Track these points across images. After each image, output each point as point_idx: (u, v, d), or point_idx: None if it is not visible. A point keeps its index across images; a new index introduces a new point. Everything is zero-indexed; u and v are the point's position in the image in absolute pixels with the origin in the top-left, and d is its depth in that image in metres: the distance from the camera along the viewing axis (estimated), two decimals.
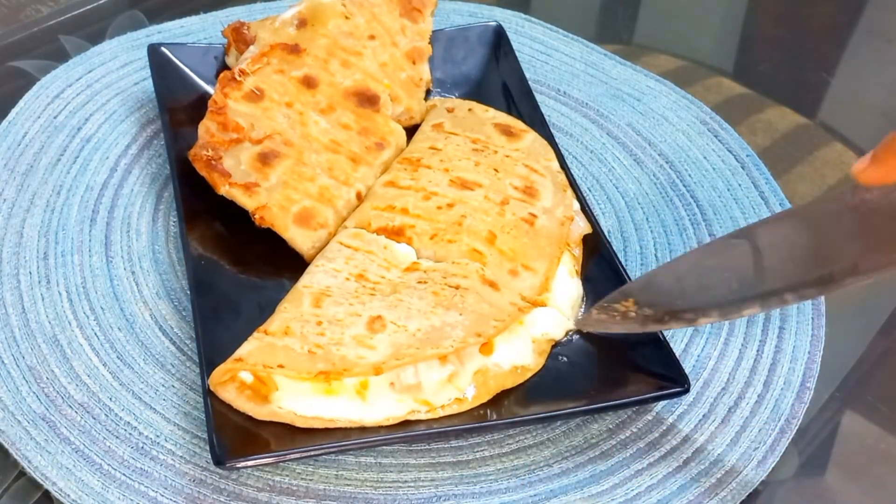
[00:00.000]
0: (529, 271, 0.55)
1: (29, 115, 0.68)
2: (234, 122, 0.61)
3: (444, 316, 0.50)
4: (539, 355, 0.53)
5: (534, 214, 0.57)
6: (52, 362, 0.54)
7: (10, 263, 0.58)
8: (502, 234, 0.56)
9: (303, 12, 0.68)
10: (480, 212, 0.57)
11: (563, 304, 0.55)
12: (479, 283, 0.53)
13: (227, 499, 0.49)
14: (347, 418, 0.49)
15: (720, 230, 0.65)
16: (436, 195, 0.57)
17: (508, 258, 0.55)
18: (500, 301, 0.52)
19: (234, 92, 0.62)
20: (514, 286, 0.54)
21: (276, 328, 0.49)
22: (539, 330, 0.53)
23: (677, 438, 0.53)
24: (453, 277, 0.53)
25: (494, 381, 0.51)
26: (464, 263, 0.54)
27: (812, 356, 0.58)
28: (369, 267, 0.53)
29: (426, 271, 0.53)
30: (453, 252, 0.54)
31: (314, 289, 0.52)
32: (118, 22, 0.78)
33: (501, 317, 0.51)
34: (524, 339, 0.52)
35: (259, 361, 0.48)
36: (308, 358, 0.48)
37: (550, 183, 0.60)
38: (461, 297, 0.51)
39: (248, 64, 0.64)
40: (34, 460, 0.49)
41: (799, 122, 0.78)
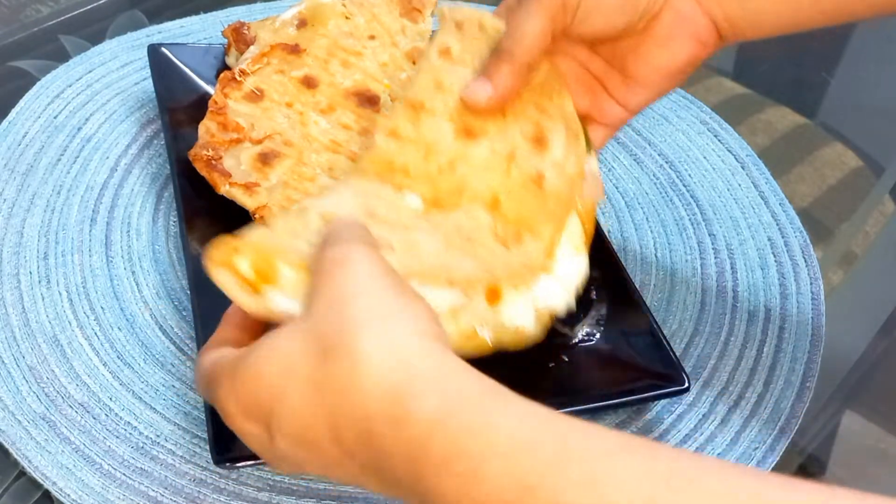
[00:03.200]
0: (534, 237, 0.51)
1: (29, 115, 0.68)
2: (234, 122, 0.61)
3: (455, 258, 0.48)
4: (540, 325, 0.50)
5: (542, 174, 0.53)
6: (52, 362, 0.54)
7: (10, 263, 0.59)
8: (507, 198, 0.52)
9: (303, 12, 0.68)
10: (484, 171, 0.53)
11: (565, 279, 0.52)
12: (492, 240, 0.50)
13: (227, 499, 0.49)
14: None
15: (720, 230, 0.65)
16: (437, 152, 0.53)
17: (513, 224, 0.52)
18: (511, 259, 0.49)
19: (235, 92, 0.62)
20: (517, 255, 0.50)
21: (284, 227, 0.45)
22: (543, 301, 0.50)
23: (677, 438, 0.53)
24: (465, 230, 0.50)
25: (494, 334, 0.49)
26: (476, 217, 0.50)
27: (812, 356, 0.58)
28: (378, 208, 0.49)
29: (437, 220, 0.50)
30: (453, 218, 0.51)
31: (321, 209, 0.47)
32: (118, 22, 0.78)
33: (511, 272, 0.49)
34: (528, 304, 0.49)
35: (261, 247, 0.43)
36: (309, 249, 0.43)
37: (563, 128, 0.55)
38: (472, 248, 0.49)
39: (249, 64, 0.64)
40: (34, 460, 0.49)
41: (799, 122, 0.78)
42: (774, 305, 0.61)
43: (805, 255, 0.64)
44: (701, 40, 0.48)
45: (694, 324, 0.59)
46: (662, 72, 0.50)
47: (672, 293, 0.61)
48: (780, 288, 0.62)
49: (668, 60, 0.49)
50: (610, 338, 0.55)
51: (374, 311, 0.35)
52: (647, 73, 0.50)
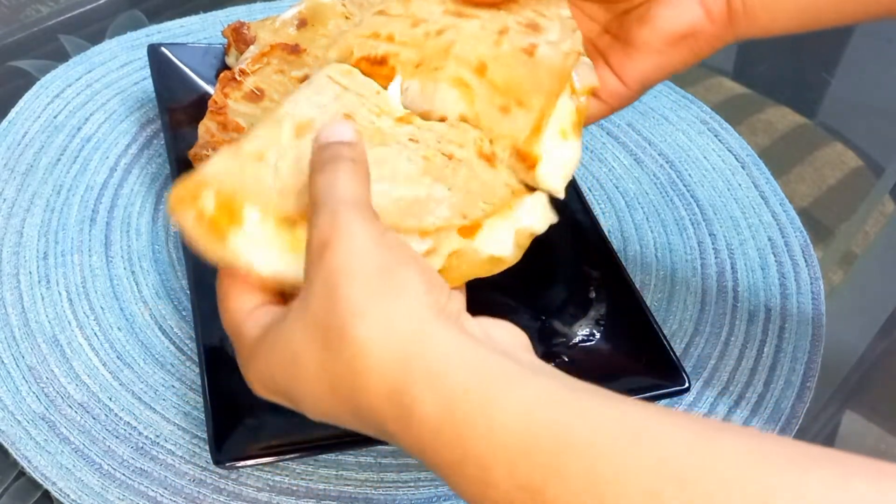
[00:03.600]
0: (523, 109, 0.47)
1: (29, 114, 0.68)
2: (234, 122, 0.61)
3: (430, 188, 0.44)
4: (518, 248, 0.47)
5: (534, 45, 0.50)
6: (52, 362, 0.54)
7: (10, 263, 0.58)
8: (495, 63, 0.49)
9: (303, 12, 0.68)
10: (473, 39, 0.50)
11: (554, 167, 0.48)
12: (475, 157, 0.46)
13: (227, 499, 0.49)
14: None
15: (720, 230, 0.65)
16: (425, 22, 0.51)
17: (500, 92, 0.48)
18: (494, 180, 0.46)
19: (235, 92, 0.62)
20: (504, 128, 0.47)
21: (252, 149, 0.43)
22: (525, 221, 0.47)
23: None
24: (448, 144, 0.46)
25: (468, 266, 0.45)
26: (463, 129, 0.47)
27: (812, 356, 0.58)
28: (358, 110, 0.46)
29: (420, 128, 0.47)
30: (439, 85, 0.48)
31: (297, 118, 0.45)
32: (118, 22, 0.78)
33: (492, 199, 0.45)
34: (508, 228, 0.46)
35: (224, 186, 0.41)
36: (279, 195, 0.41)
37: (559, 25, 0.52)
38: (452, 169, 0.45)
39: (249, 64, 0.64)
40: (34, 460, 0.49)
41: (799, 122, 0.78)
42: (775, 305, 0.61)
43: (805, 255, 0.64)
44: (708, 7, 0.47)
45: (694, 324, 0.59)
46: (663, 34, 0.47)
47: (672, 293, 0.61)
48: (780, 288, 0.62)
49: (671, 21, 0.47)
50: (610, 338, 0.55)
51: (367, 295, 0.34)
52: (649, 35, 0.48)
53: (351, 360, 0.33)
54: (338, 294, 0.34)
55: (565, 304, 0.57)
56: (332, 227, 0.35)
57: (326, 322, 0.34)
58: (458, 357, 0.33)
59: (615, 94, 0.49)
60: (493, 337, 0.37)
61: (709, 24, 0.47)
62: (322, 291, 0.34)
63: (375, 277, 0.34)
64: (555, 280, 0.59)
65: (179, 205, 0.41)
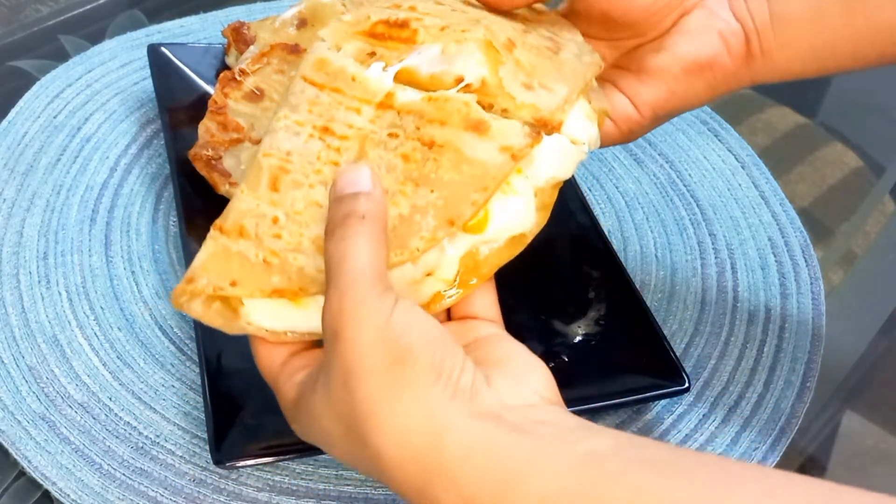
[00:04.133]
0: (546, 90, 0.45)
1: (29, 114, 0.68)
2: (234, 122, 0.61)
3: (413, 196, 0.42)
4: (542, 210, 0.44)
5: (559, 46, 0.48)
6: (52, 362, 0.54)
7: (9, 263, 0.58)
8: (522, 48, 0.46)
9: (303, 12, 0.68)
10: (500, 23, 0.48)
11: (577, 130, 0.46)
12: (461, 130, 0.43)
13: (227, 499, 0.49)
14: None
15: (720, 230, 0.65)
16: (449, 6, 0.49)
17: (525, 72, 0.45)
18: (487, 152, 0.42)
19: (234, 92, 0.62)
20: (527, 98, 0.45)
21: (230, 226, 0.42)
22: (544, 173, 0.44)
23: (677, 438, 0.53)
24: (429, 126, 0.43)
25: (489, 259, 0.43)
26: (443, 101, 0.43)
27: (812, 356, 0.58)
28: (336, 113, 0.44)
29: (401, 112, 0.44)
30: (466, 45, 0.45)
31: (274, 159, 0.44)
32: (118, 22, 0.78)
33: (485, 181, 0.42)
34: (525, 192, 0.44)
35: (211, 280, 0.41)
36: (263, 269, 0.42)
37: (575, 44, 0.50)
38: (434, 161, 0.42)
39: (248, 64, 0.64)
40: (34, 460, 0.49)
41: (799, 122, 0.78)
42: (774, 305, 0.61)
43: (805, 255, 0.64)
44: (727, 41, 0.47)
45: (694, 324, 0.59)
46: (681, 61, 0.47)
47: (672, 293, 0.61)
48: (780, 288, 0.62)
49: (690, 49, 0.47)
50: (610, 338, 0.55)
51: (380, 397, 0.35)
52: (665, 62, 0.47)
53: (374, 459, 0.35)
54: (353, 395, 0.35)
55: (565, 303, 0.57)
56: (341, 314, 0.36)
57: (347, 419, 0.36)
58: (474, 453, 0.34)
59: (627, 119, 0.49)
60: (508, 405, 0.36)
61: (728, 58, 0.47)
62: (340, 384, 0.36)
63: (384, 376, 0.35)
64: (555, 280, 0.59)
65: (180, 300, 0.42)
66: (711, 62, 0.47)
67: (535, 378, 0.38)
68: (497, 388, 0.36)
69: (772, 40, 0.47)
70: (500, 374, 0.38)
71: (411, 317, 0.36)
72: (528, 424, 0.35)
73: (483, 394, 0.36)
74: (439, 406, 0.35)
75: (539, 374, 0.39)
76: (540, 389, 0.38)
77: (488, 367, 0.38)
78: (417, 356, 0.35)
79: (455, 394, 0.35)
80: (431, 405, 0.35)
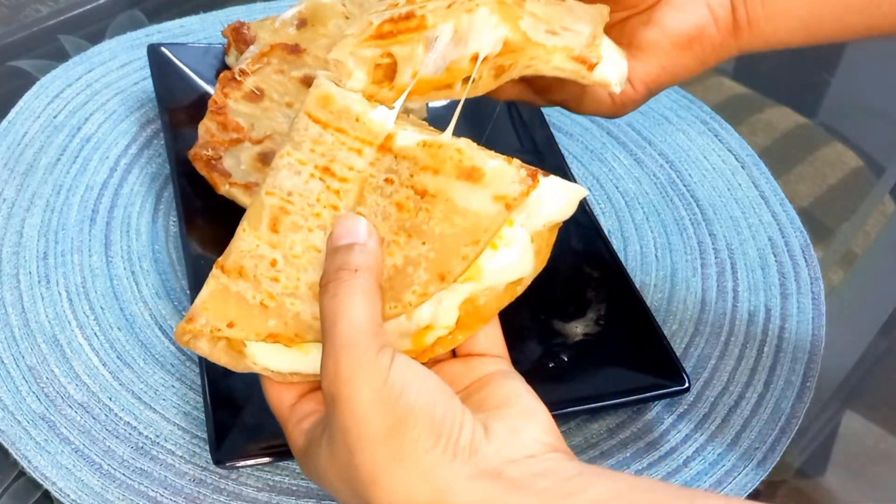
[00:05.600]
0: (570, 32, 0.44)
1: (29, 114, 0.68)
2: (234, 121, 0.61)
3: (406, 247, 0.41)
4: (540, 254, 0.43)
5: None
6: (52, 362, 0.54)
7: (9, 263, 0.58)
8: (532, 3, 0.45)
9: (303, 12, 0.68)
10: None
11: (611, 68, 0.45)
12: (454, 179, 0.42)
13: (227, 499, 0.49)
14: None
15: (720, 230, 0.65)
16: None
17: (543, 20, 0.45)
18: (480, 202, 0.41)
19: (234, 92, 0.62)
20: (558, 42, 0.44)
21: (231, 265, 0.43)
22: (542, 217, 0.43)
23: (677, 438, 0.53)
24: (422, 173, 0.42)
25: (488, 304, 0.43)
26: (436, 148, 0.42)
27: (812, 356, 0.58)
28: (338, 154, 0.44)
29: (398, 156, 0.43)
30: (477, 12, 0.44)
31: (275, 199, 0.44)
32: (118, 22, 0.78)
33: (477, 234, 0.41)
34: (519, 242, 0.43)
35: (210, 320, 0.42)
36: (260, 312, 0.42)
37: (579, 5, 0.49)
38: (426, 212, 0.41)
39: (248, 64, 0.64)
40: (34, 460, 0.49)
41: (799, 122, 0.78)
42: (774, 305, 0.61)
43: (805, 255, 0.64)
44: (714, 12, 0.47)
45: (694, 324, 0.59)
46: (670, 34, 0.47)
47: (672, 293, 0.61)
48: (780, 288, 0.62)
49: (678, 22, 0.47)
50: (610, 338, 0.55)
51: (380, 464, 0.35)
52: (656, 36, 0.48)
53: None
54: (354, 458, 0.35)
55: (565, 303, 0.57)
56: (337, 378, 0.36)
57: (350, 481, 0.36)
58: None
59: (621, 94, 0.49)
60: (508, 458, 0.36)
61: (714, 29, 0.47)
62: (341, 446, 0.36)
63: (385, 440, 0.35)
64: (554, 280, 0.59)
65: (184, 339, 0.42)
66: (700, 34, 0.47)
67: (535, 424, 0.38)
68: (497, 441, 0.36)
69: (759, 10, 0.47)
70: (500, 422, 0.37)
71: (409, 374, 0.36)
72: (528, 479, 0.35)
73: (483, 450, 0.36)
74: (440, 469, 0.35)
75: (539, 419, 0.38)
76: (540, 436, 0.37)
77: (489, 411, 0.38)
78: (417, 417, 0.35)
79: (455, 454, 0.35)
80: (433, 468, 0.35)
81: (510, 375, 0.42)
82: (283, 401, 0.42)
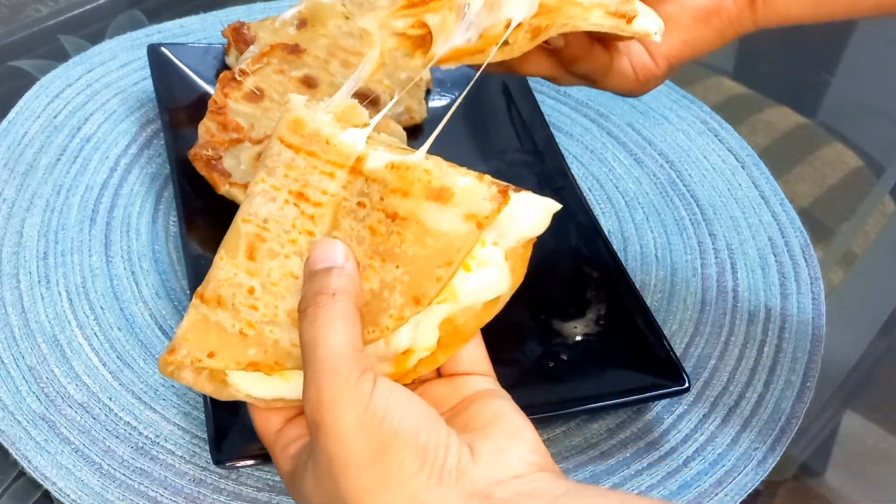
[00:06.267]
0: None
1: (29, 114, 0.68)
2: (234, 121, 0.61)
3: (381, 271, 0.41)
4: (516, 271, 0.43)
5: None
6: (52, 362, 0.54)
7: (9, 263, 0.58)
8: None
9: (303, 12, 0.68)
10: None
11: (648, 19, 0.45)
12: (423, 200, 0.41)
13: (227, 499, 0.49)
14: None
15: (720, 230, 0.65)
16: None
17: None
18: (450, 222, 0.41)
19: (234, 92, 0.62)
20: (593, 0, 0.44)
21: (210, 294, 0.43)
22: (515, 234, 0.43)
23: (677, 438, 0.53)
24: (392, 196, 0.41)
25: (466, 328, 0.43)
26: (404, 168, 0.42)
27: (812, 356, 0.58)
28: (310, 178, 0.43)
29: (368, 179, 0.42)
30: None
31: (251, 226, 0.43)
32: (118, 22, 0.78)
33: (449, 255, 0.40)
34: (493, 260, 0.43)
35: (190, 351, 0.42)
36: (240, 341, 0.42)
37: None
38: (398, 235, 0.41)
39: (248, 64, 0.64)
40: (34, 460, 0.49)
41: (799, 122, 0.78)
42: (774, 305, 0.61)
43: (805, 255, 0.64)
44: None
45: (694, 324, 0.59)
46: (689, 8, 0.48)
47: (672, 293, 0.61)
48: (780, 288, 0.62)
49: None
50: (610, 338, 0.55)
51: (365, 489, 0.35)
52: (675, 11, 0.48)
53: None
54: (338, 485, 0.35)
55: (565, 303, 0.57)
56: (320, 405, 0.35)
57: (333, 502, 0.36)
58: None
59: (644, 68, 0.49)
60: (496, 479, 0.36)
61: (731, 2, 0.48)
62: (326, 473, 0.36)
63: (369, 466, 0.35)
64: (554, 279, 0.59)
65: (168, 370, 0.42)
66: (717, 7, 0.48)
67: (522, 443, 0.38)
68: (483, 462, 0.36)
69: None
70: (486, 442, 0.37)
71: (391, 398, 0.36)
72: (516, 499, 0.35)
73: (469, 472, 0.35)
74: (426, 493, 0.35)
75: (525, 438, 0.38)
76: (527, 455, 0.37)
77: (475, 432, 0.38)
78: (401, 442, 0.35)
79: (441, 479, 0.35)
80: (418, 493, 0.35)
81: (496, 394, 0.41)
82: (269, 427, 0.41)
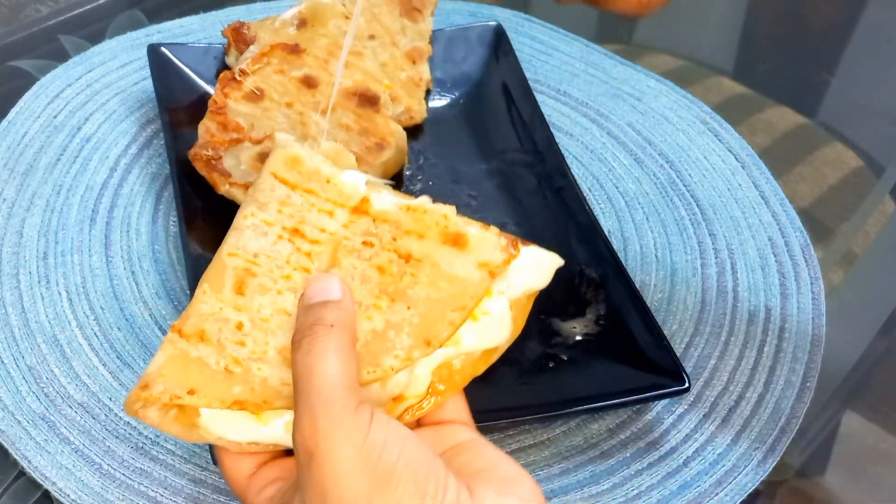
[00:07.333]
0: None
1: (29, 114, 0.68)
2: (234, 121, 0.61)
3: (388, 312, 0.41)
4: (516, 321, 0.44)
5: None
6: (52, 362, 0.54)
7: (9, 263, 0.58)
8: None
9: (303, 12, 0.68)
10: None
11: None
12: (439, 244, 0.42)
13: (227, 499, 0.49)
14: (288, 444, 0.41)
15: (720, 230, 0.65)
16: None
17: None
18: (465, 268, 0.41)
19: (234, 92, 0.62)
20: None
21: (191, 329, 0.41)
22: (520, 286, 0.43)
23: (677, 438, 0.53)
24: (406, 238, 0.42)
25: (461, 375, 0.43)
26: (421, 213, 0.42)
27: (812, 356, 0.58)
28: (308, 215, 0.43)
29: (376, 219, 0.43)
30: None
31: (239, 260, 0.42)
32: (118, 22, 0.78)
33: (462, 300, 0.41)
34: (497, 310, 0.43)
35: (168, 387, 0.39)
36: (224, 378, 0.40)
37: None
38: (412, 276, 0.41)
39: (248, 64, 0.64)
40: (34, 460, 0.49)
41: (799, 122, 0.78)
42: (774, 305, 0.61)
43: (805, 255, 0.64)
44: None
45: (694, 324, 0.59)
46: None
47: (672, 293, 0.61)
48: (780, 288, 0.62)
49: None
50: (610, 338, 0.55)
51: None
52: None
53: None
54: None
55: (565, 303, 0.57)
56: (315, 433, 0.34)
57: None
58: None
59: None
60: None
61: None
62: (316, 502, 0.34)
63: (367, 500, 0.34)
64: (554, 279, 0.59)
65: (134, 407, 0.40)
66: None
67: (522, 488, 0.37)
68: (482, 502, 0.35)
69: None
70: (486, 484, 0.36)
71: (390, 433, 0.35)
72: None
73: None
74: None
75: (525, 485, 0.37)
76: (526, 497, 0.36)
77: (471, 477, 0.37)
78: (400, 477, 0.34)
79: None
80: None
81: (487, 445, 0.40)
82: (240, 471, 0.40)
